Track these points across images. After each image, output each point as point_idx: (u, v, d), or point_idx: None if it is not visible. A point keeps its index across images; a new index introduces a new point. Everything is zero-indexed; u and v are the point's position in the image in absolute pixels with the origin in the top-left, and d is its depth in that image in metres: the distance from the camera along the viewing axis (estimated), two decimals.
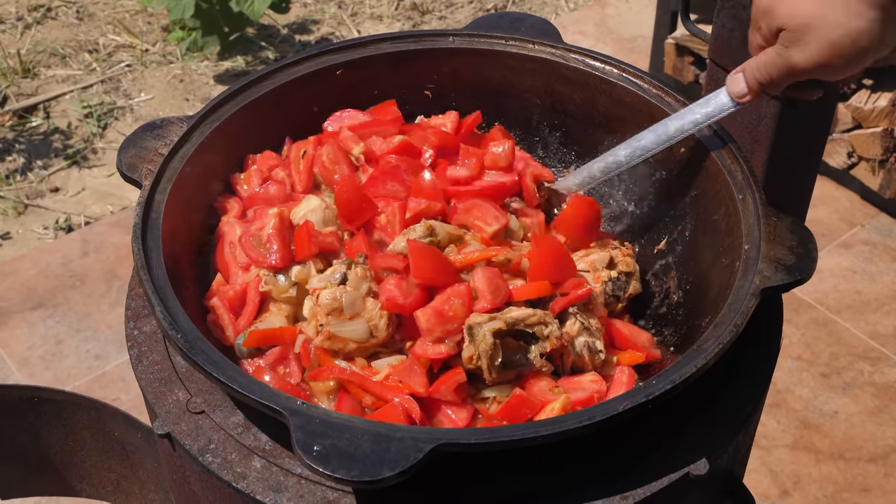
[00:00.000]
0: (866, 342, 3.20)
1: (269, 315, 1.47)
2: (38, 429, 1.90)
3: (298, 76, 1.66)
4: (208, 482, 1.29)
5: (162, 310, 1.28)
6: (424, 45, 1.72)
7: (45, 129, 4.25)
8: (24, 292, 3.39)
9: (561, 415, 1.22)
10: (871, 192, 3.59)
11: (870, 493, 2.79)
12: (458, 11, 5.01)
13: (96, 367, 3.13)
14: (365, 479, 1.10)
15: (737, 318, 1.28)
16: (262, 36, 4.82)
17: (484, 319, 1.36)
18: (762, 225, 1.39)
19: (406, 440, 1.13)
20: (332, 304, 1.39)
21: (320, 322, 1.39)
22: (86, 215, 3.84)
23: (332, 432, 1.14)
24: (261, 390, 1.19)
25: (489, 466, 1.26)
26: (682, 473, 1.25)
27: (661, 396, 1.20)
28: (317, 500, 1.23)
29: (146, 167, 1.49)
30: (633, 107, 1.64)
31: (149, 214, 1.42)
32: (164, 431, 1.31)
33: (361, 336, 1.39)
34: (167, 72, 4.61)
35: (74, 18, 4.97)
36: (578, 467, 1.26)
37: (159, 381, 1.37)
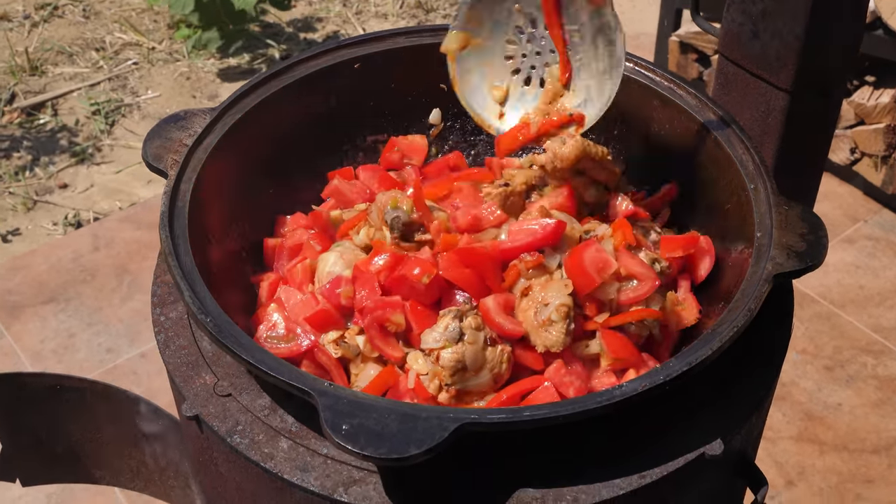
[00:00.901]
0: (869, 335, 3.24)
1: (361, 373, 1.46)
2: (59, 417, 1.93)
3: (317, 69, 1.70)
4: (236, 463, 1.32)
5: (191, 294, 1.31)
6: (440, 39, 1.74)
7: (52, 127, 4.29)
8: (35, 287, 3.43)
9: (581, 396, 1.25)
10: (873, 187, 3.63)
11: (873, 483, 2.82)
12: None
13: (108, 360, 3.16)
14: (393, 457, 1.13)
15: (751, 303, 1.31)
16: (267, 34, 4.86)
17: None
18: (774, 213, 1.43)
19: (431, 419, 1.17)
20: (455, 365, 1.36)
21: (445, 381, 1.36)
22: (94, 211, 3.87)
23: (360, 412, 1.17)
24: (289, 372, 1.23)
25: (510, 446, 1.29)
26: (697, 453, 1.29)
27: (679, 378, 1.23)
28: (342, 480, 1.26)
29: (171, 157, 1.52)
30: (644, 99, 1.67)
31: (175, 203, 1.45)
32: (192, 414, 1.34)
33: (487, 386, 1.39)
34: (174, 69, 4.65)
35: (81, 17, 5.01)
36: (597, 447, 1.29)
37: (186, 365, 1.40)
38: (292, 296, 1.51)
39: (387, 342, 1.41)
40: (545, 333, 1.38)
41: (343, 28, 4.96)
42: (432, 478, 1.26)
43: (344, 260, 1.51)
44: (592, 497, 1.24)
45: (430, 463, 1.15)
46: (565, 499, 1.24)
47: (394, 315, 1.41)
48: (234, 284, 1.56)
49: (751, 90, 1.77)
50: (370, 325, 1.41)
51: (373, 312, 1.41)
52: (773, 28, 1.67)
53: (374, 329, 1.41)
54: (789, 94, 1.71)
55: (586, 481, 1.26)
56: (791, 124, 1.75)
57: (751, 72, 1.75)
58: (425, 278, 1.39)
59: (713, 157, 1.57)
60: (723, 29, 1.78)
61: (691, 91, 1.62)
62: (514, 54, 1.62)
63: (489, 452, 1.29)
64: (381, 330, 1.41)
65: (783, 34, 1.66)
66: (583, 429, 1.27)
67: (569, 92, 1.60)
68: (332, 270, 1.50)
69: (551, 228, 1.44)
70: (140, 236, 3.61)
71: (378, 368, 1.42)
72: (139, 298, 3.39)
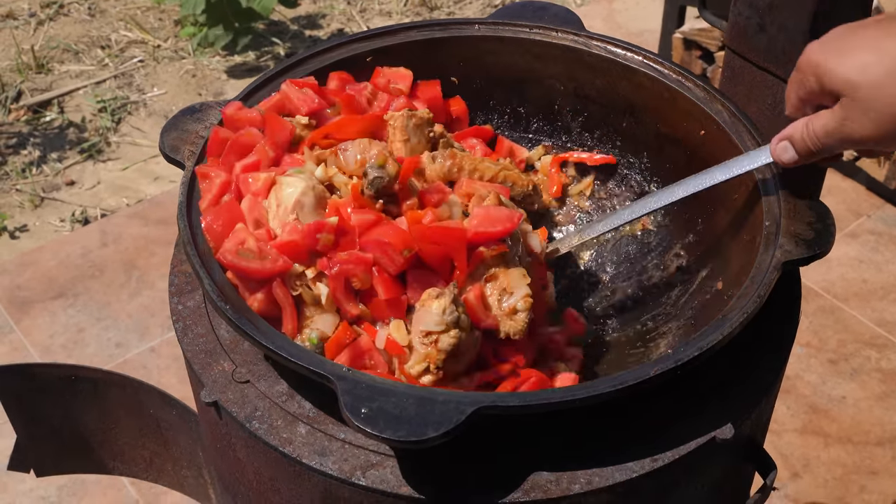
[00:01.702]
0: (873, 329, 3.26)
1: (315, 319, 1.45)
2: (73, 407, 1.96)
3: (330, 63, 1.72)
4: (255, 448, 1.35)
5: (210, 283, 1.34)
6: (451, 32, 1.77)
7: (59, 124, 4.31)
8: (45, 282, 3.45)
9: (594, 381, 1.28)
10: (876, 182, 3.65)
11: (877, 475, 2.85)
12: (467, 7, 5.07)
13: (117, 354, 3.19)
14: (411, 440, 1.16)
15: (760, 290, 1.34)
16: (272, 31, 4.88)
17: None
18: (782, 203, 1.45)
19: (449, 403, 1.19)
20: (452, 350, 1.37)
21: (437, 365, 1.37)
22: (101, 208, 3.89)
23: (379, 396, 1.20)
24: (308, 358, 1.25)
25: (524, 430, 1.31)
26: (708, 438, 1.31)
27: (690, 363, 1.25)
28: (360, 464, 1.28)
29: (188, 148, 1.54)
30: (654, 92, 1.69)
31: (192, 193, 1.48)
32: (211, 400, 1.36)
33: (462, 370, 1.42)
34: (179, 67, 4.67)
35: (87, 14, 5.03)
36: (609, 431, 1.32)
37: (204, 352, 1.43)
38: (256, 211, 1.47)
39: (348, 297, 1.41)
40: (510, 321, 1.43)
41: (347, 26, 4.98)
42: (448, 461, 1.28)
43: (314, 194, 1.46)
44: (606, 480, 1.26)
45: (445, 446, 1.18)
46: (579, 482, 1.26)
47: (363, 274, 1.40)
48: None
49: (758, 83, 1.79)
50: (337, 276, 1.39)
51: (344, 265, 1.39)
52: (779, 21, 1.69)
53: (339, 281, 1.40)
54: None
55: (599, 464, 1.28)
56: None
57: (758, 65, 1.77)
58: (406, 251, 1.39)
59: (722, 148, 1.59)
60: (730, 22, 1.80)
61: (699, 83, 1.65)
62: None
63: (503, 436, 1.31)
64: (345, 284, 1.40)
65: (789, 27, 1.68)
66: (595, 413, 1.29)
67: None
68: (303, 201, 1.45)
69: (517, 218, 1.46)
70: (147, 232, 3.63)
71: (332, 320, 1.42)
72: (147, 294, 3.41)
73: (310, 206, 1.45)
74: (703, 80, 1.65)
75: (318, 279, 1.41)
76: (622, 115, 1.75)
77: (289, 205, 1.44)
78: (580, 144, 1.82)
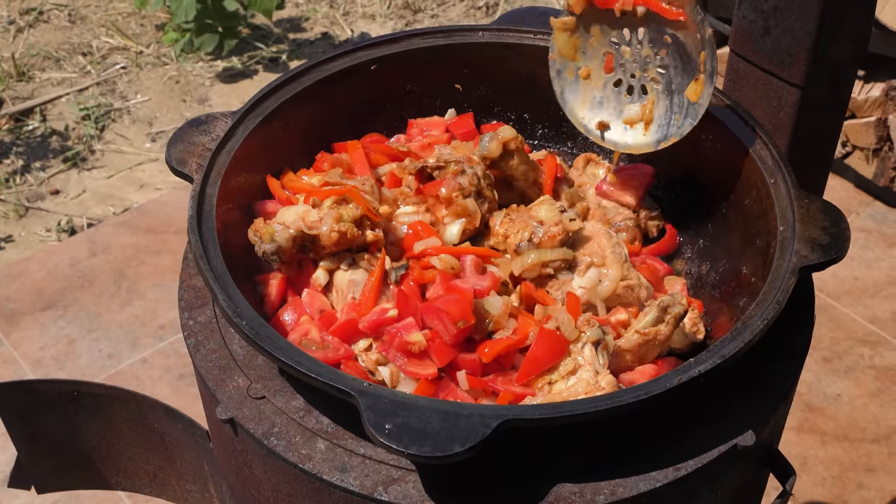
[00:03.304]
0: (865, 326, 3.28)
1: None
2: (75, 422, 1.93)
3: (334, 72, 1.70)
4: (272, 465, 1.33)
5: (225, 298, 1.32)
6: (455, 39, 1.76)
7: (42, 132, 4.27)
8: (33, 293, 3.41)
9: (617, 391, 1.27)
10: (865, 180, 3.67)
11: (875, 472, 2.86)
12: (451, 9, 5.06)
13: (109, 366, 3.16)
14: (437, 455, 1.14)
15: (779, 296, 1.33)
16: (256, 36, 4.85)
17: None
18: (795, 207, 1.45)
19: (473, 416, 1.18)
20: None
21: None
22: (88, 217, 3.86)
23: (402, 411, 1.18)
24: (328, 373, 1.23)
25: (547, 442, 1.30)
26: (730, 445, 1.30)
27: (712, 371, 1.25)
28: (382, 479, 1.27)
29: (195, 161, 1.52)
30: None
31: (202, 207, 1.46)
32: (227, 417, 1.34)
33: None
34: (162, 73, 4.63)
35: (67, 21, 4.99)
36: (631, 440, 1.31)
37: (218, 368, 1.41)
38: (316, 302, 1.52)
39: (414, 363, 1.41)
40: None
41: (331, 29, 4.96)
42: (471, 474, 1.27)
43: (359, 276, 1.52)
44: (630, 490, 1.26)
45: (468, 460, 1.17)
46: (603, 492, 1.26)
47: (410, 335, 1.40)
48: (247, 281, 1.56)
49: (762, 86, 1.79)
50: (393, 355, 1.42)
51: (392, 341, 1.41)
52: (784, 24, 1.69)
53: (398, 355, 1.41)
54: (801, 89, 1.73)
55: (623, 475, 1.27)
56: (802, 119, 1.77)
57: (762, 67, 1.77)
58: (461, 323, 1.40)
59: (731, 153, 1.58)
60: (733, 26, 1.80)
61: None
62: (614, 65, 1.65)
63: (526, 448, 1.30)
64: (406, 354, 1.41)
65: (795, 30, 1.68)
66: (619, 423, 1.28)
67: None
68: (355, 279, 1.51)
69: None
70: (136, 241, 3.60)
71: (411, 385, 1.42)
72: (138, 304, 3.38)
73: (363, 282, 1.50)
74: None
75: (380, 363, 1.43)
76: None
77: (343, 287, 1.49)
78: (586, 150, 1.81)
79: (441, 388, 1.38)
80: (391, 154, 1.71)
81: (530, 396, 1.37)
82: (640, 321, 1.43)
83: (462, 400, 1.37)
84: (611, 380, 1.34)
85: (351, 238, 1.50)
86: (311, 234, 1.49)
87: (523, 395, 1.37)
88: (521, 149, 1.63)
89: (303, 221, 1.49)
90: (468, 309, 1.39)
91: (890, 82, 3.45)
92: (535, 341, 1.39)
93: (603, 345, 1.38)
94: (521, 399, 1.37)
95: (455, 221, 1.59)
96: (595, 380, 1.34)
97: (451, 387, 1.38)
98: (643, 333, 1.42)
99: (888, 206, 3.69)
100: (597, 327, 1.39)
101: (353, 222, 1.50)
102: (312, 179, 1.64)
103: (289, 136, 1.66)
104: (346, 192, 1.53)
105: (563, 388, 1.35)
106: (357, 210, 1.51)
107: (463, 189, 1.57)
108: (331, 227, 1.48)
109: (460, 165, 1.59)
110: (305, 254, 1.52)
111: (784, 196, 1.47)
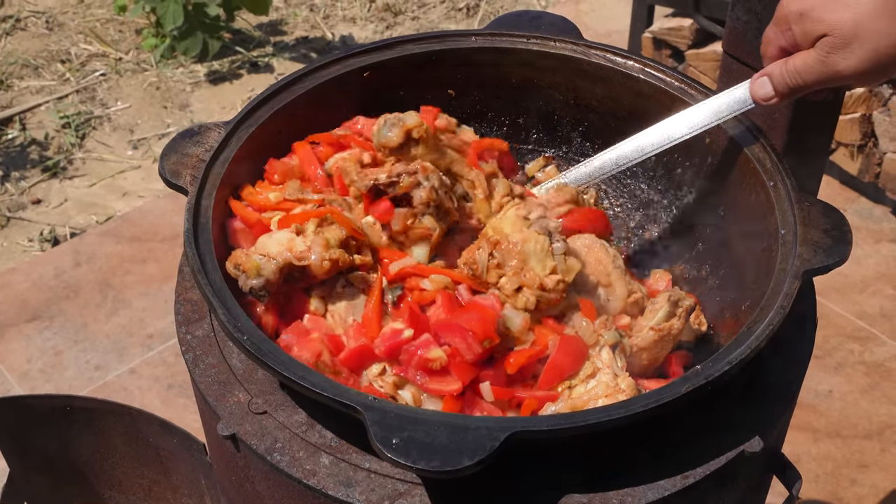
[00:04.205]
0: (854, 322, 3.28)
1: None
2: (69, 437, 1.91)
3: (327, 79, 1.68)
4: (275, 481, 1.31)
5: (224, 312, 1.30)
6: (448, 45, 1.75)
7: (21, 141, 4.23)
8: (18, 305, 3.37)
9: (626, 399, 1.26)
10: (850, 176, 3.68)
11: (868, 468, 2.86)
12: (431, 12, 5.04)
13: (97, 377, 3.12)
14: (446, 469, 1.13)
15: (783, 301, 1.33)
16: (237, 40, 4.82)
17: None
18: (796, 210, 1.44)
19: (481, 429, 1.16)
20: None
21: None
22: (70, 226, 3.82)
23: (409, 425, 1.17)
24: (333, 388, 1.22)
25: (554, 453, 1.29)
26: (737, 451, 1.30)
27: (720, 377, 1.24)
28: (387, 493, 1.26)
29: (189, 173, 1.50)
30: (655, 99, 1.68)
31: (198, 220, 1.44)
32: (228, 433, 1.32)
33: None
34: (143, 79, 4.59)
35: (45, 28, 4.94)
36: (638, 448, 1.30)
37: (218, 383, 1.39)
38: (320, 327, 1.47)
39: (436, 380, 1.38)
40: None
41: (311, 32, 4.93)
42: (478, 487, 1.26)
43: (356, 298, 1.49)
44: (638, 499, 1.25)
45: (476, 472, 1.15)
46: (611, 502, 1.25)
47: (430, 352, 1.38)
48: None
49: None
50: (413, 375, 1.39)
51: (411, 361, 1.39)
52: None
53: (418, 374, 1.39)
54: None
55: (631, 484, 1.26)
56: (797, 119, 1.77)
57: (756, 68, 1.76)
58: (487, 342, 1.38)
59: (730, 156, 1.58)
60: (727, 27, 1.79)
61: (702, 90, 1.63)
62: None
63: (533, 459, 1.29)
64: (427, 372, 1.39)
65: None
66: (626, 431, 1.27)
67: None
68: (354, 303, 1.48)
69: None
70: (121, 250, 3.57)
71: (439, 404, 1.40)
72: (124, 313, 3.35)
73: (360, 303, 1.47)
74: (705, 87, 1.64)
75: (398, 385, 1.40)
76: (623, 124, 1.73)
77: (341, 311, 1.46)
78: (581, 154, 1.80)
79: (466, 403, 1.36)
80: (335, 143, 1.65)
81: (550, 402, 1.36)
82: (653, 318, 1.43)
83: (489, 413, 1.35)
84: (630, 382, 1.33)
85: (342, 265, 1.47)
86: (300, 266, 1.44)
87: (545, 401, 1.36)
88: (426, 137, 1.57)
89: (290, 252, 1.43)
90: (492, 327, 1.37)
91: None
92: (557, 349, 1.38)
93: (620, 347, 1.38)
94: (544, 405, 1.36)
95: (419, 244, 1.54)
96: (614, 382, 1.33)
97: (476, 401, 1.36)
98: (658, 330, 1.42)
99: (874, 202, 3.70)
100: (613, 330, 1.38)
101: (340, 244, 1.47)
102: (270, 195, 1.56)
103: (283, 144, 1.64)
104: (327, 212, 1.49)
105: (583, 391, 1.34)
106: (341, 231, 1.48)
107: (417, 210, 1.51)
108: (321, 255, 1.44)
109: (414, 177, 1.52)
110: (293, 283, 1.47)
111: (784, 199, 1.47)
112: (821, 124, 1.83)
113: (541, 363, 1.39)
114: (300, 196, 1.54)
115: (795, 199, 1.45)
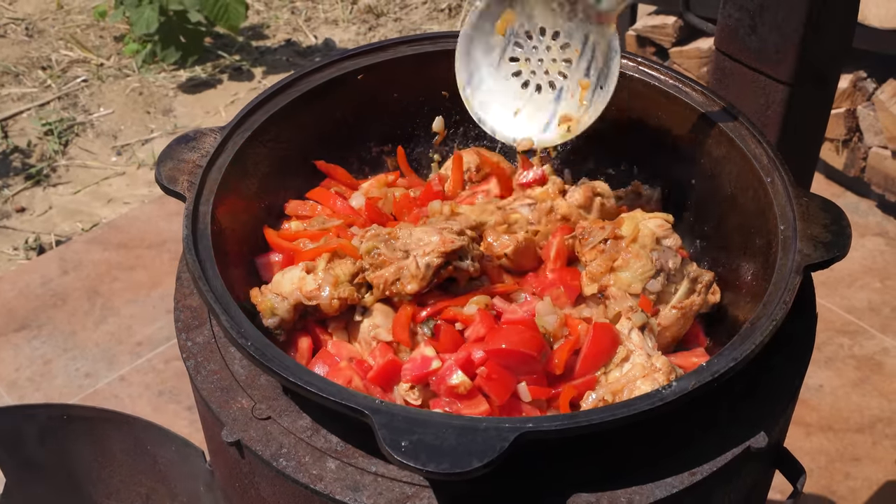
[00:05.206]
0: (843, 317, 3.30)
1: None
2: (66, 446, 1.89)
3: (322, 82, 1.68)
4: (282, 487, 1.31)
5: (227, 319, 1.29)
6: (441, 46, 1.75)
7: (4, 149, 4.19)
8: (5, 314, 3.35)
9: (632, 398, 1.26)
10: (835, 171, 3.70)
11: (860, 462, 2.88)
12: (413, 13, 5.04)
13: (87, 385, 3.10)
14: (456, 472, 1.13)
15: (785, 296, 1.33)
16: (219, 45, 4.80)
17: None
18: (794, 205, 1.45)
19: (490, 430, 1.16)
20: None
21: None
22: (56, 234, 3.79)
23: (417, 428, 1.17)
24: (339, 392, 1.21)
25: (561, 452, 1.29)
26: (743, 447, 1.30)
27: (726, 374, 1.24)
28: (395, 497, 1.25)
29: (186, 179, 1.49)
30: (650, 98, 1.68)
31: (196, 226, 1.43)
32: (233, 439, 1.32)
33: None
34: (125, 85, 4.57)
35: (24, 35, 4.90)
36: (645, 446, 1.30)
37: (220, 389, 1.38)
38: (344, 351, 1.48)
39: (466, 404, 1.38)
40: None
41: (294, 35, 4.92)
42: (486, 487, 1.26)
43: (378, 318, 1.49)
44: (647, 497, 1.25)
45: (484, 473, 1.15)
46: (619, 501, 1.25)
47: (452, 379, 1.37)
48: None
49: (749, 84, 1.79)
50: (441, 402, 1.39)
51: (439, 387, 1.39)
52: (771, 21, 1.69)
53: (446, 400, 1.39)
54: (789, 86, 1.73)
55: (639, 482, 1.26)
56: (790, 115, 1.77)
57: (749, 66, 1.77)
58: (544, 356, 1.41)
59: (726, 153, 1.58)
60: (719, 25, 1.79)
61: (698, 88, 1.64)
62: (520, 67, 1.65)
63: (541, 458, 1.29)
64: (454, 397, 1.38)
65: (782, 27, 1.68)
66: (632, 430, 1.27)
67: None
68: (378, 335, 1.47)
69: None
70: (108, 257, 3.54)
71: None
72: (113, 321, 3.33)
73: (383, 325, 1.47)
74: (701, 84, 1.64)
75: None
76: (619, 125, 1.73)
77: (366, 335, 1.47)
78: (572, 152, 1.80)
79: (504, 408, 1.37)
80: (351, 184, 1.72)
81: (590, 391, 1.38)
82: (675, 297, 1.44)
83: (528, 414, 1.36)
84: (664, 360, 1.36)
85: (351, 302, 1.48)
86: (311, 305, 1.47)
87: (584, 390, 1.38)
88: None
89: (300, 292, 1.47)
90: (539, 337, 1.39)
91: (857, 73, 3.48)
92: (591, 338, 1.40)
93: (648, 328, 1.39)
94: (584, 394, 1.38)
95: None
96: (649, 362, 1.35)
97: (513, 402, 1.37)
98: (680, 307, 1.45)
99: (859, 196, 3.72)
100: (640, 312, 1.40)
101: (351, 277, 1.48)
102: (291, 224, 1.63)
103: (279, 149, 1.63)
104: (338, 248, 1.51)
105: (619, 374, 1.36)
106: (353, 264, 1.50)
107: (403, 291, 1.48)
108: (330, 294, 1.46)
109: (399, 265, 1.48)
110: (307, 318, 1.50)
111: (782, 194, 1.47)
112: (814, 120, 1.84)
113: (575, 354, 1.40)
114: (323, 226, 1.58)
115: (793, 195, 1.46)
